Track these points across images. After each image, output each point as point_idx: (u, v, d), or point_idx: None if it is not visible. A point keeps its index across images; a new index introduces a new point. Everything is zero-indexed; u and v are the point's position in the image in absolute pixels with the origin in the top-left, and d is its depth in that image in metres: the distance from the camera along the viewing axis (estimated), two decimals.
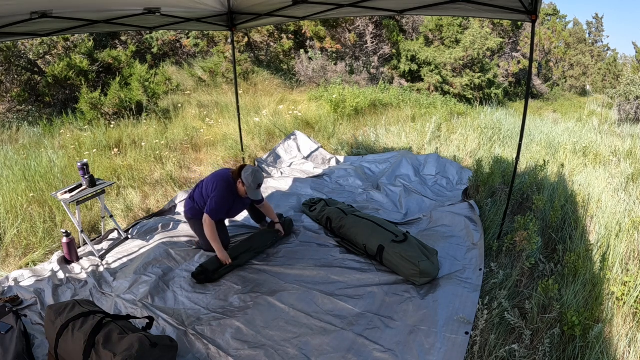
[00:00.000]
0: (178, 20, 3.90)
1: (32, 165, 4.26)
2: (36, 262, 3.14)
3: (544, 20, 19.06)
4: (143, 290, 2.68)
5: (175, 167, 4.88)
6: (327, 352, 2.18)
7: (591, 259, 2.90)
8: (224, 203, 2.96)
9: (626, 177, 4.74)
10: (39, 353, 2.19)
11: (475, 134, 6.34)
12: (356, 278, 2.80)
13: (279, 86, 9.94)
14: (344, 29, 11.38)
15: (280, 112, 7.13)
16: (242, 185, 2.95)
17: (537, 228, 2.97)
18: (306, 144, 5.74)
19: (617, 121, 10.52)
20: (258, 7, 3.94)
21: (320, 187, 4.50)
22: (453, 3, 3.03)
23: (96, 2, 3.03)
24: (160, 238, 3.36)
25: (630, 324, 2.37)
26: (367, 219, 3.23)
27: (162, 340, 2.05)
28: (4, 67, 7.13)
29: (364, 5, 3.50)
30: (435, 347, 2.16)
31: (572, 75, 18.38)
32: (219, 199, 2.93)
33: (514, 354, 2.09)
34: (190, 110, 7.07)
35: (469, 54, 10.93)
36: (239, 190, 3.00)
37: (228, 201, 2.98)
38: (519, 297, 2.61)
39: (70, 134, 5.67)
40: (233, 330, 2.33)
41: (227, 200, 2.97)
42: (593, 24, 25.80)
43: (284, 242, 3.35)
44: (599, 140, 6.65)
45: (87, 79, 7.12)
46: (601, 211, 3.63)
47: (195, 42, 10.37)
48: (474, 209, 3.56)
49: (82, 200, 3.14)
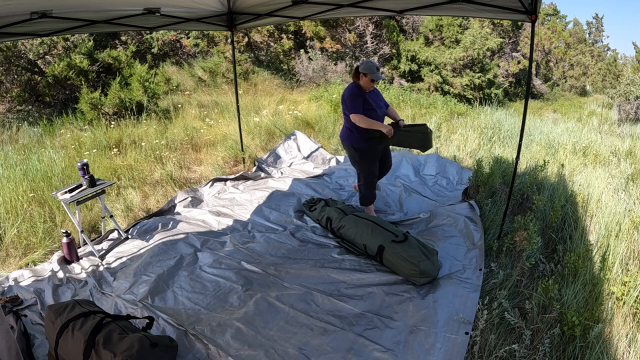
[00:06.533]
0: (178, 20, 3.90)
1: (33, 165, 4.25)
2: (36, 262, 3.14)
3: (544, 20, 19.06)
4: (143, 290, 2.68)
5: (175, 167, 4.88)
6: (327, 352, 2.18)
7: (591, 259, 2.90)
8: (356, 97, 3.30)
9: (626, 177, 4.74)
10: (39, 353, 2.18)
11: (475, 134, 6.34)
12: (356, 278, 2.80)
13: (279, 86, 9.94)
14: (344, 29, 11.38)
15: (280, 112, 7.13)
16: (363, 76, 3.28)
17: (537, 228, 2.97)
18: (306, 144, 5.74)
19: (617, 121, 10.51)
20: (258, 7, 3.94)
21: (320, 187, 4.50)
22: (453, 3, 3.03)
23: (96, 2, 3.03)
24: (160, 238, 3.36)
25: (630, 324, 2.37)
26: (367, 219, 3.23)
27: (162, 340, 2.05)
28: (4, 67, 7.13)
29: (364, 5, 3.51)
30: (435, 347, 2.16)
31: (572, 75, 18.37)
32: (350, 96, 3.32)
33: (514, 354, 2.09)
34: (190, 110, 7.07)
35: (469, 54, 10.93)
36: (364, 84, 3.33)
37: (359, 96, 3.31)
38: (519, 297, 2.61)
39: (70, 134, 5.67)
40: (233, 330, 2.33)
41: (357, 96, 3.30)
42: (593, 24, 25.81)
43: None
44: (599, 140, 6.65)
45: (87, 79, 7.12)
46: (601, 211, 3.63)
47: (195, 42, 10.37)
48: (474, 208, 3.56)
49: (82, 200, 3.14)
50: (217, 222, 3.73)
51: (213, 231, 3.58)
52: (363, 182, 3.65)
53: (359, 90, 3.35)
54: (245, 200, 4.19)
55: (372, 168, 3.58)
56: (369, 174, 3.59)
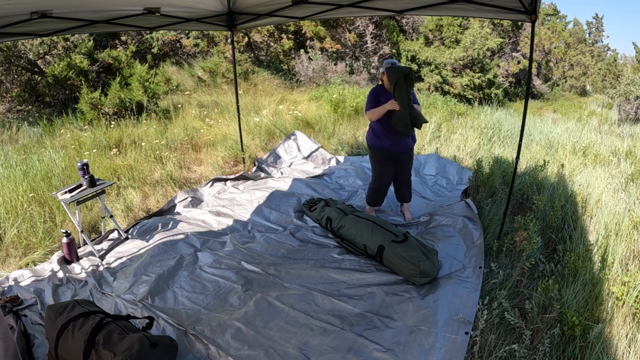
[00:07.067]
0: (178, 20, 3.90)
1: (33, 165, 4.26)
2: (36, 262, 3.14)
3: (544, 20, 19.05)
4: (143, 290, 2.68)
5: (175, 167, 4.88)
6: (327, 352, 2.18)
7: (591, 259, 2.90)
8: (370, 96, 3.44)
9: (626, 177, 4.74)
10: (39, 353, 2.19)
11: (475, 134, 6.34)
12: (356, 278, 2.80)
13: (279, 86, 9.94)
14: (344, 29, 11.38)
15: (280, 112, 7.13)
16: (383, 75, 3.39)
17: (537, 228, 2.97)
18: (306, 144, 5.74)
19: (617, 121, 10.51)
20: (258, 7, 3.94)
21: (320, 187, 4.50)
22: (453, 3, 3.03)
23: (96, 2, 3.03)
24: (160, 237, 3.36)
25: (630, 324, 2.37)
26: (367, 219, 3.23)
27: (162, 340, 2.05)
28: (4, 67, 7.13)
29: (364, 5, 3.51)
30: (435, 347, 2.16)
31: (572, 75, 18.36)
32: (367, 97, 3.47)
33: (514, 354, 2.09)
34: (190, 110, 7.07)
35: (469, 54, 10.93)
36: (385, 84, 3.40)
37: (374, 95, 3.43)
38: (519, 297, 2.61)
39: (70, 134, 5.67)
40: (233, 330, 2.33)
41: (372, 94, 3.44)
42: (593, 24, 25.81)
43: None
44: (598, 140, 6.64)
45: (87, 79, 7.12)
46: (601, 211, 3.63)
47: (195, 42, 10.37)
48: (471, 207, 3.56)
49: (82, 200, 3.14)
50: (217, 222, 3.73)
51: (213, 231, 3.58)
52: (372, 182, 3.74)
53: (377, 89, 3.46)
54: (245, 200, 4.19)
55: (382, 172, 3.59)
56: (377, 176, 3.65)
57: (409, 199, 3.82)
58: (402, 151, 3.53)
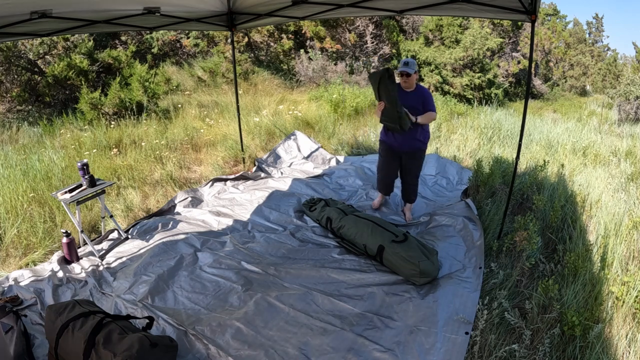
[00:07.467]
0: (178, 20, 3.90)
1: (33, 165, 4.25)
2: (36, 262, 3.14)
3: (544, 20, 19.04)
4: (143, 290, 2.68)
5: (175, 167, 4.88)
6: (327, 352, 2.18)
7: (591, 259, 2.90)
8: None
9: (626, 177, 4.74)
10: (39, 353, 2.19)
11: (475, 134, 6.34)
12: (356, 278, 2.80)
13: (279, 86, 9.94)
14: (344, 29, 11.38)
15: (280, 112, 7.13)
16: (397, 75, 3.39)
17: (537, 228, 2.97)
18: (306, 144, 5.74)
19: (617, 121, 10.51)
20: (258, 7, 3.94)
21: (320, 187, 4.50)
22: (453, 3, 3.03)
23: (96, 2, 3.03)
24: (160, 238, 3.36)
25: (630, 324, 2.37)
26: (367, 219, 3.23)
27: (162, 340, 2.05)
28: (4, 67, 7.13)
29: (364, 5, 3.51)
30: (435, 347, 2.16)
31: (572, 75, 18.36)
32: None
33: (514, 354, 2.09)
34: (190, 110, 7.07)
35: (469, 54, 10.93)
36: (401, 83, 3.41)
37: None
38: (519, 297, 2.61)
39: (70, 134, 5.67)
40: (233, 330, 2.33)
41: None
42: (593, 24, 25.80)
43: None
44: (598, 140, 6.65)
45: (87, 79, 7.12)
46: (601, 211, 3.63)
47: (195, 42, 10.37)
48: (471, 207, 3.56)
49: (82, 200, 3.14)
50: (217, 222, 3.73)
51: (213, 231, 3.58)
52: (376, 171, 3.95)
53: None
54: (245, 200, 4.19)
55: (382, 163, 3.78)
56: (379, 167, 3.85)
57: (412, 200, 3.84)
58: (404, 151, 3.54)
